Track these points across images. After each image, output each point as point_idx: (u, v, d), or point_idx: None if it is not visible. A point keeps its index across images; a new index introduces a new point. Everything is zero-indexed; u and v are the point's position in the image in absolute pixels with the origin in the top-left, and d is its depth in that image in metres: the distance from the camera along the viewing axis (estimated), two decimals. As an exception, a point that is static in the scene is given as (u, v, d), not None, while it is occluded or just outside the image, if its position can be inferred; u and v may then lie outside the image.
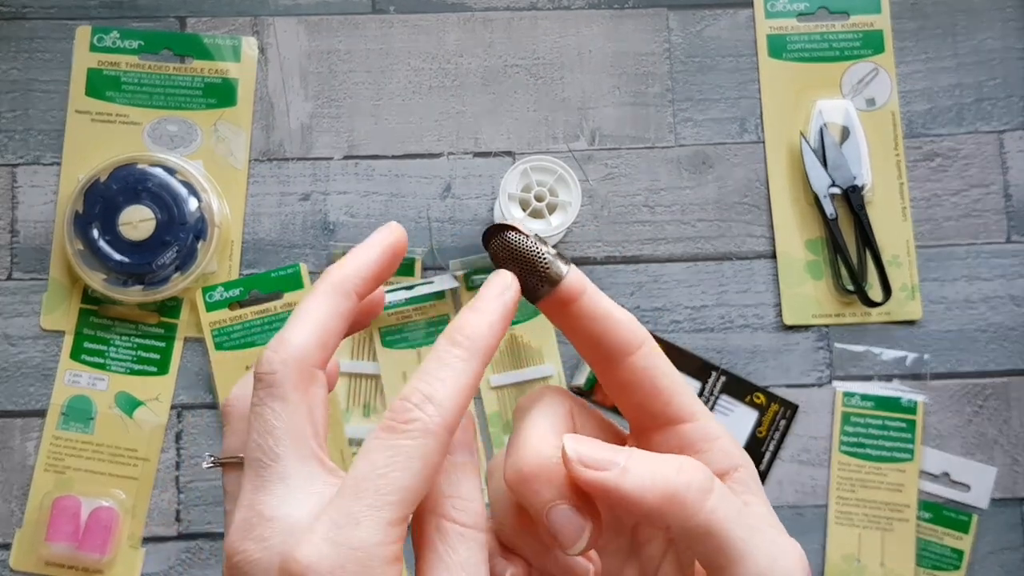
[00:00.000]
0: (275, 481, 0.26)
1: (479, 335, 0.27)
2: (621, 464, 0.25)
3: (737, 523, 0.26)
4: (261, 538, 0.26)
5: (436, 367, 0.27)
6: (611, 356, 0.29)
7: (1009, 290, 0.69)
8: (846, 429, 0.67)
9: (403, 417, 0.26)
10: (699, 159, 0.70)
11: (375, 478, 0.25)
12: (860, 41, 0.71)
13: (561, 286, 0.28)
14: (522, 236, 0.29)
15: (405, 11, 0.70)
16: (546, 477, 0.26)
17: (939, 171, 0.70)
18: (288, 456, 0.27)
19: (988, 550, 0.66)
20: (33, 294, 0.66)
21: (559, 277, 0.28)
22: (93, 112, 0.68)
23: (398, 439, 0.26)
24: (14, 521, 0.64)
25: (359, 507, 0.25)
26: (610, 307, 0.29)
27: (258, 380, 0.27)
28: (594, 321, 0.28)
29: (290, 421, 0.27)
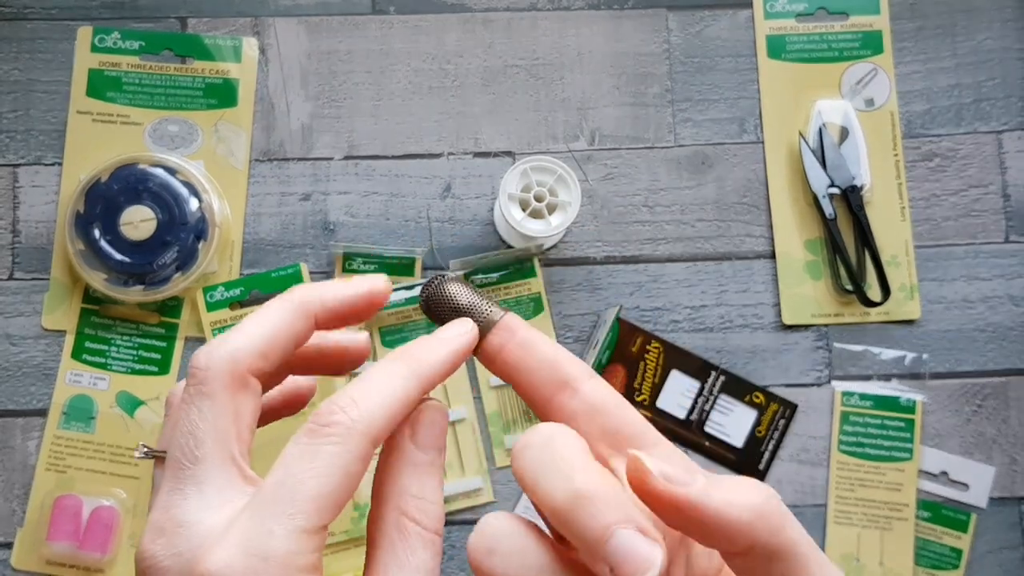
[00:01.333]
0: (191, 484, 0.25)
1: (425, 360, 0.27)
2: (701, 479, 0.24)
3: (809, 543, 0.25)
4: (171, 544, 0.25)
5: (371, 376, 0.26)
6: (571, 381, 0.28)
7: (1007, 290, 0.69)
8: (845, 428, 0.67)
9: (325, 420, 0.25)
10: (698, 159, 0.70)
11: (291, 485, 0.24)
12: (859, 42, 0.71)
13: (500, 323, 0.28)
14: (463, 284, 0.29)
15: (405, 12, 0.70)
16: (607, 494, 0.23)
17: (938, 171, 0.70)
18: (207, 459, 0.26)
19: (987, 549, 0.67)
20: (34, 294, 0.67)
21: (497, 318, 0.28)
22: (94, 112, 0.68)
23: (318, 443, 0.25)
24: (15, 520, 0.65)
25: (273, 516, 0.24)
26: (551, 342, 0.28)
27: (190, 376, 0.27)
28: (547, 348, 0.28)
29: (214, 423, 0.26)
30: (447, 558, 0.66)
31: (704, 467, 0.67)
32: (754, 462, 0.67)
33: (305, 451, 0.25)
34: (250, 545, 0.24)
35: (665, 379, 0.67)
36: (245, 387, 0.27)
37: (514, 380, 0.29)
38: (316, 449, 0.25)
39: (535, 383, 0.28)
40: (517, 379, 0.28)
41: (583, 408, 0.27)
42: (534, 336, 0.28)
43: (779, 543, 0.24)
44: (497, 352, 0.29)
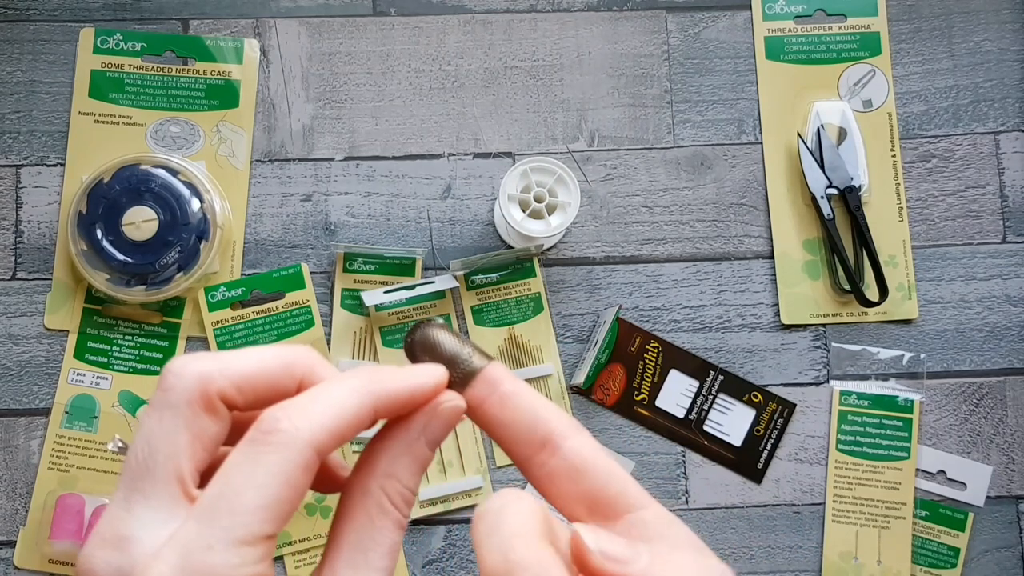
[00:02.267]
0: (138, 497, 0.25)
1: (383, 385, 0.26)
2: (645, 558, 0.24)
3: None
4: (112, 558, 0.24)
5: (324, 388, 0.25)
6: (553, 439, 0.27)
7: (1005, 290, 0.69)
8: (843, 428, 0.67)
9: (268, 427, 0.24)
10: (697, 160, 0.70)
11: (231, 496, 0.23)
12: (857, 43, 0.71)
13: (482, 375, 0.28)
14: (448, 332, 0.28)
15: (406, 13, 0.71)
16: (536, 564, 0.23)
17: (935, 172, 0.70)
18: (156, 472, 0.25)
19: (984, 548, 0.67)
20: (37, 294, 0.67)
21: (479, 368, 0.28)
22: (96, 113, 0.68)
23: (259, 451, 0.24)
24: (18, 519, 0.65)
25: (212, 530, 0.23)
26: (535, 395, 0.28)
27: (160, 383, 0.26)
28: (531, 403, 0.27)
29: (170, 436, 0.25)
30: (447, 556, 0.66)
31: (703, 466, 0.67)
32: (752, 461, 0.67)
33: (245, 460, 0.24)
34: (190, 560, 0.23)
35: (664, 378, 0.68)
36: (212, 410, 0.25)
37: (494, 436, 0.28)
38: (257, 458, 0.24)
39: (514, 441, 0.27)
40: (496, 435, 0.28)
41: (563, 469, 0.27)
42: (517, 389, 0.27)
43: None
44: (477, 406, 0.28)
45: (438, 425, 0.27)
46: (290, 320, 0.67)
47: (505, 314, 0.68)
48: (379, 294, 0.65)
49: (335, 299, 0.67)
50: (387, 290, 0.65)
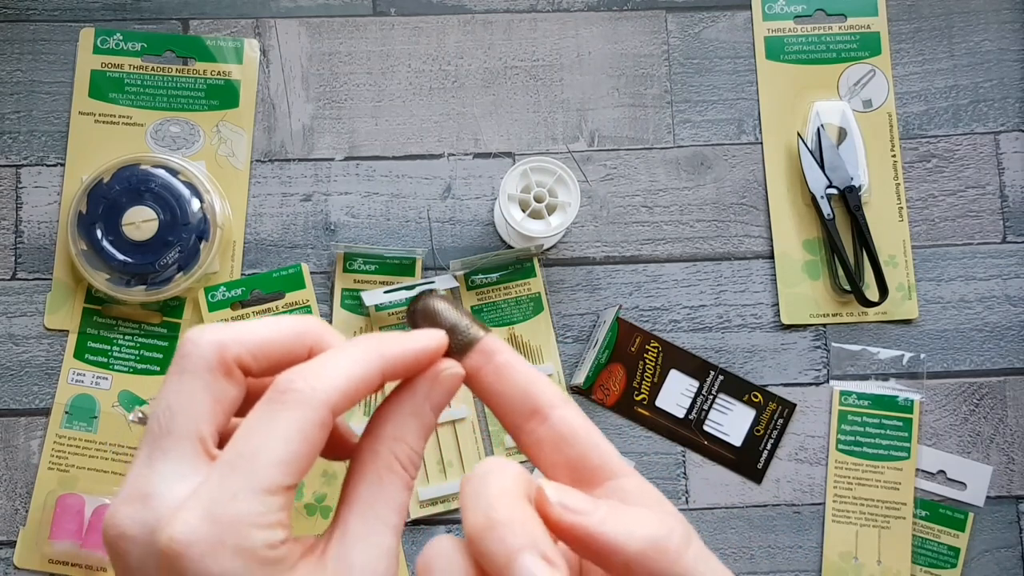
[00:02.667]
0: (160, 455, 0.26)
1: (389, 348, 0.27)
2: (603, 510, 0.25)
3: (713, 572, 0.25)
4: (138, 514, 0.25)
5: (335, 353, 0.27)
6: (541, 409, 0.28)
7: (1005, 290, 0.69)
8: (843, 428, 0.67)
9: (284, 387, 0.26)
10: (697, 160, 0.70)
11: (252, 450, 0.25)
12: (857, 43, 0.71)
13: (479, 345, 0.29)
14: (449, 302, 0.30)
15: (406, 13, 0.71)
16: (517, 521, 0.24)
17: (935, 172, 0.70)
18: (177, 432, 0.26)
19: (984, 548, 0.67)
20: (37, 294, 0.67)
21: (477, 338, 0.29)
22: (96, 113, 0.68)
23: (276, 409, 0.25)
24: (18, 519, 0.65)
25: (235, 481, 0.24)
26: (527, 367, 0.29)
27: (179, 349, 0.27)
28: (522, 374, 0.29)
29: (190, 398, 0.26)
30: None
31: (703, 466, 0.67)
32: (752, 461, 0.67)
33: (264, 417, 0.25)
34: (213, 508, 0.24)
35: (664, 379, 0.68)
36: (229, 374, 0.27)
37: (488, 403, 0.29)
38: (275, 415, 0.25)
39: (507, 409, 0.29)
40: (490, 403, 0.29)
41: (550, 437, 0.28)
42: (511, 361, 0.29)
43: (677, 573, 0.25)
44: (473, 374, 0.29)
45: (440, 391, 0.28)
46: (290, 320, 0.67)
47: (505, 314, 0.68)
48: (379, 294, 0.65)
49: (335, 299, 0.67)
50: (387, 290, 0.65)
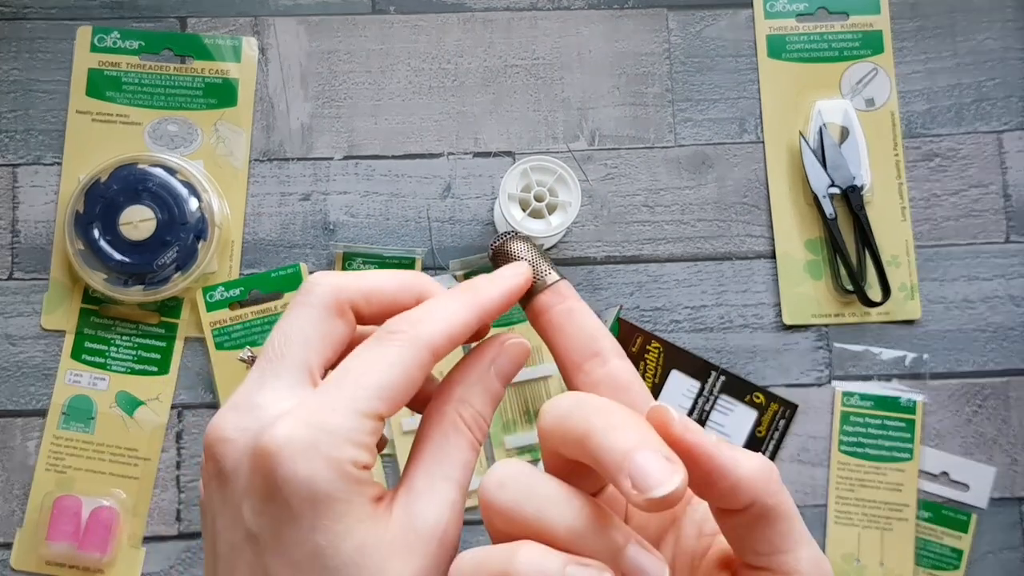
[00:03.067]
0: (271, 376, 0.28)
1: (485, 292, 0.30)
2: (715, 436, 0.26)
3: (796, 512, 0.27)
4: (241, 420, 0.27)
5: (435, 301, 0.30)
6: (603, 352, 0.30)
7: (1008, 290, 0.69)
8: (845, 429, 0.67)
9: (392, 328, 0.28)
10: (699, 159, 0.70)
11: (355, 375, 0.27)
12: (859, 41, 0.71)
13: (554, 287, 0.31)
14: (529, 243, 0.32)
15: (405, 11, 0.70)
16: (638, 424, 0.25)
17: (938, 171, 0.70)
18: (290, 357, 0.28)
19: (987, 549, 0.67)
20: (34, 294, 0.67)
21: (553, 281, 0.31)
22: (94, 112, 0.68)
23: (383, 344, 0.28)
24: (15, 520, 0.65)
25: (337, 397, 0.27)
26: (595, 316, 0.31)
27: (301, 288, 0.30)
28: (592, 318, 0.31)
29: (305, 330, 0.29)
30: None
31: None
32: (754, 462, 0.67)
33: (371, 350, 0.28)
34: (312, 419, 0.26)
35: (665, 379, 0.67)
36: (342, 314, 0.29)
37: (551, 341, 0.31)
38: (381, 349, 0.28)
39: (570, 347, 0.31)
40: (554, 340, 0.31)
41: (607, 380, 0.30)
42: (580, 306, 0.31)
43: (774, 504, 0.26)
44: (543, 311, 0.31)
45: (505, 359, 0.30)
46: (289, 320, 0.66)
47: (505, 314, 0.67)
48: (378, 294, 0.65)
49: (334, 299, 0.67)
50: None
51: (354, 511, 0.26)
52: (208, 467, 0.28)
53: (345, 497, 0.26)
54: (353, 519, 0.26)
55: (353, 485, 0.26)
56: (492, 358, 0.30)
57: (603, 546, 0.25)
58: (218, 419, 0.28)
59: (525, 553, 0.24)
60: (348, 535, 0.26)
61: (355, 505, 0.26)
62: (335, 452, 0.26)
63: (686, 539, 0.30)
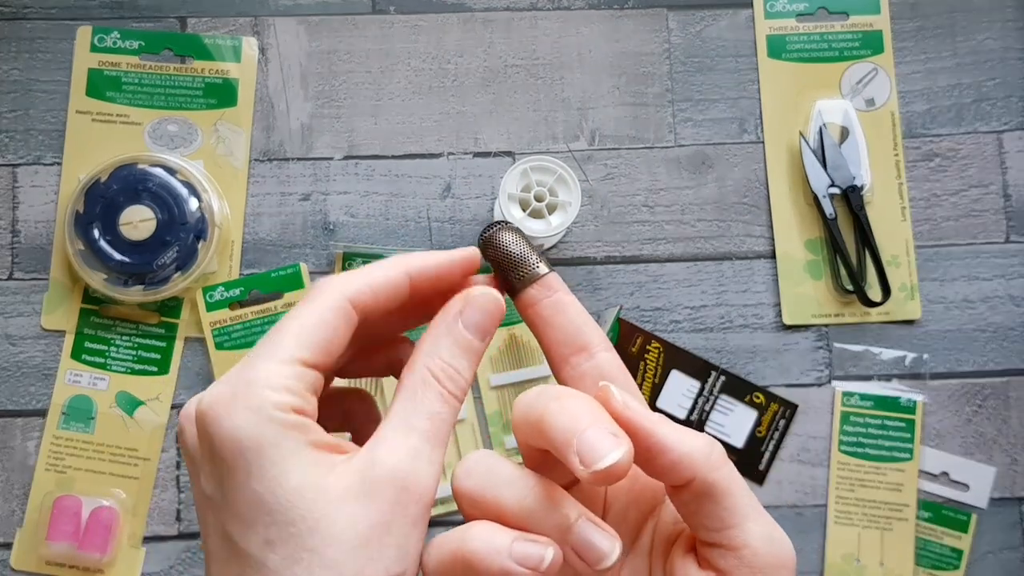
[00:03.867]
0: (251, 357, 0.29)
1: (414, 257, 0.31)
2: (657, 416, 0.27)
3: (741, 488, 0.28)
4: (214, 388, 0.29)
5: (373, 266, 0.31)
6: (590, 347, 0.31)
7: (1008, 290, 0.69)
8: (845, 429, 0.67)
9: (315, 286, 0.30)
10: (699, 159, 0.70)
11: (277, 330, 0.28)
12: (859, 41, 0.71)
13: (542, 280, 0.31)
14: (519, 235, 0.32)
15: (405, 11, 0.70)
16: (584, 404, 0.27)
17: (938, 171, 0.70)
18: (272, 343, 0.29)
19: (987, 549, 0.66)
20: (34, 294, 0.67)
21: (541, 274, 0.32)
22: (94, 112, 0.68)
23: (303, 303, 0.29)
24: (15, 520, 0.65)
25: (259, 351, 0.28)
26: (583, 309, 0.31)
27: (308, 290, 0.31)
28: (579, 313, 0.31)
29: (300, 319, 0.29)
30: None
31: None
32: (754, 462, 0.67)
33: (295, 309, 0.29)
34: (235, 376, 0.27)
35: (665, 379, 0.67)
36: (340, 307, 0.30)
37: (539, 334, 0.32)
38: (301, 307, 0.29)
39: (557, 341, 0.31)
40: (542, 333, 0.31)
41: (592, 373, 0.30)
42: (568, 300, 0.31)
43: (715, 480, 0.27)
44: (532, 304, 0.32)
45: (473, 310, 0.30)
46: (289, 320, 0.66)
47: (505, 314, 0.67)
48: (378, 294, 0.65)
49: (334, 299, 0.67)
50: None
51: (288, 455, 0.26)
52: (183, 455, 0.29)
53: (274, 441, 0.26)
54: (289, 463, 0.26)
55: (281, 429, 0.27)
56: (459, 310, 0.30)
57: (554, 522, 0.26)
58: (187, 403, 0.29)
59: (477, 531, 0.26)
60: (284, 478, 0.26)
61: (288, 449, 0.26)
62: (255, 400, 0.26)
63: (663, 526, 0.31)
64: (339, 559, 0.26)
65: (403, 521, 0.26)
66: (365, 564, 0.26)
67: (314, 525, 0.26)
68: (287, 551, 0.26)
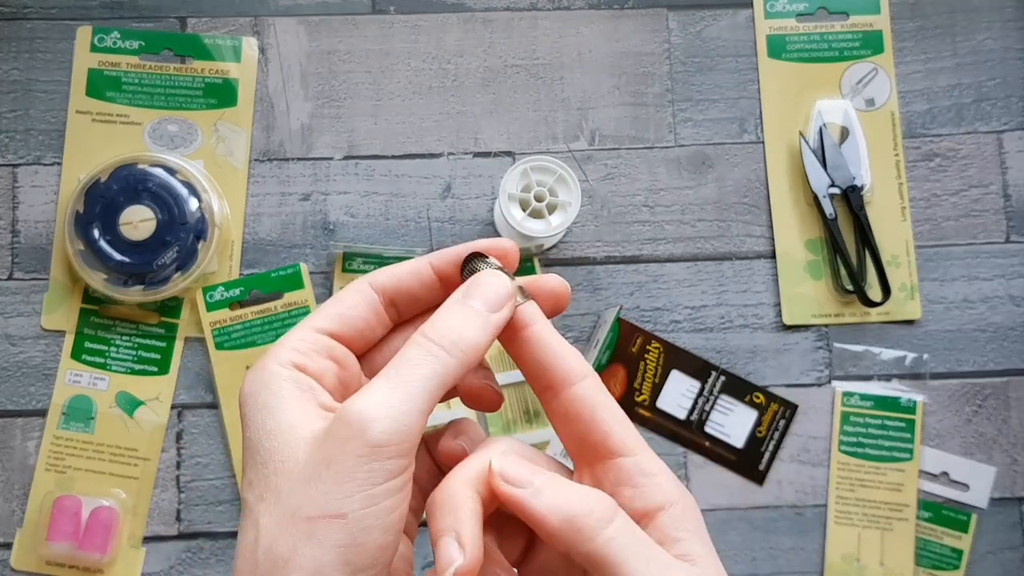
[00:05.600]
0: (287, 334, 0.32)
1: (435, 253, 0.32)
2: (536, 485, 0.28)
3: (634, 554, 0.27)
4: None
5: None
6: (553, 385, 0.30)
7: (1008, 290, 0.69)
8: (845, 429, 0.67)
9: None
10: (699, 159, 0.70)
11: (310, 315, 0.31)
12: (859, 41, 0.71)
13: (518, 311, 0.31)
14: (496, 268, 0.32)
15: (405, 11, 0.70)
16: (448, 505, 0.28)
17: (938, 171, 0.70)
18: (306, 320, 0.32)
19: (987, 549, 0.66)
20: (34, 294, 0.67)
21: (519, 303, 0.31)
22: (94, 112, 0.68)
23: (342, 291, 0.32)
24: (15, 521, 0.65)
25: (292, 330, 0.30)
26: (557, 340, 0.31)
27: None
28: (541, 349, 0.30)
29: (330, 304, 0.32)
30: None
31: (705, 468, 0.67)
32: (754, 462, 0.67)
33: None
34: (272, 349, 0.30)
35: (665, 379, 0.67)
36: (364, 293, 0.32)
37: (518, 366, 0.32)
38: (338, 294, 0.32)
39: (528, 378, 0.31)
40: (519, 366, 0.32)
41: (559, 412, 0.30)
42: (536, 334, 0.31)
43: (589, 551, 0.26)
44: (506, 339, 0.31)
45: (478, 288, 0.30)
46: (288, 321, 0.66)
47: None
48: (378, 294, 0.65)
49: (334, 299, 0.67)
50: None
51: (277, 402, 0.28)
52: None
53: (270, 390, 0.28)
54: (276, 408, 0.28)
55: (278, 380, 0.28)
56: (464, 288, 0.31)
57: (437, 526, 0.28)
58: None
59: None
60: (266, 422, 0.28)
61: (279, 397, 0.28)
62: (262, 361, 0.29)
63: None
64: (287, 494, 0.26)
65: (343, 457, 0.26)
66: (304, 500, 0.26)
67: (280, 466, 0.27)
68: (259, 490, 0.27)
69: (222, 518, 0.65)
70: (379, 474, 0.26)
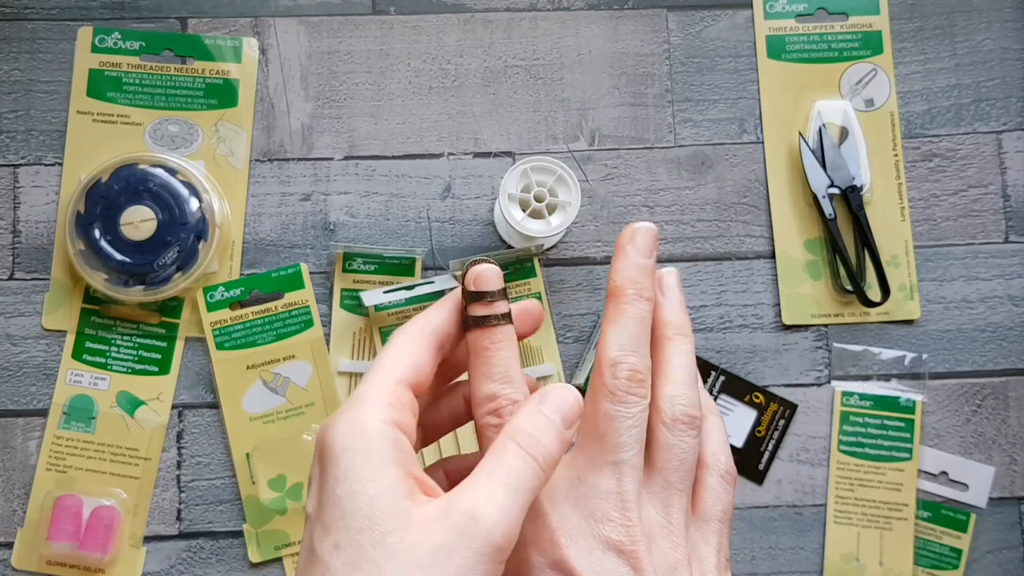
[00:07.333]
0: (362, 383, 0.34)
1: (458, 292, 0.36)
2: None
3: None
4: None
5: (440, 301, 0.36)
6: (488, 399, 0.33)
7: (1007, 290, 0.69)
8: (845, 428, 0.67)
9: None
10: (698, 159, 0.70)
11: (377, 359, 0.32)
12: (859, 42, 0.71)
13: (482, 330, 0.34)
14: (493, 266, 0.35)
15: (405, 12, 0.70)
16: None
17: (937, 171, 0.70)
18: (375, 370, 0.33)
19: (986, 549, 0.67)
20: (35, 294, 0.67)
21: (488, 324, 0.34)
22: (94, 113, 0.68)
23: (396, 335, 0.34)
24: (16, 520, 0.65)
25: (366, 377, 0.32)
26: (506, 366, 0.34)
27: None
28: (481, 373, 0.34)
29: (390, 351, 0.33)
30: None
31: (704, 467, 0.67)
32: (754, 462, 0.67)
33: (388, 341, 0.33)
34: (351, 399, 0.31)
35: (665, 379, 0.67)
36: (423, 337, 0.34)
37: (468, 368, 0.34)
38: (394, 336, 0.33)
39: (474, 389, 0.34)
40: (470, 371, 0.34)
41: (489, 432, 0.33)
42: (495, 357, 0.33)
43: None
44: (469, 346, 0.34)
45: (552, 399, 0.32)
46: (289, 320, 0.66)
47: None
48: (378, 294, 0.65)
49: (334, 299, 0.67)
50: (386, 290, 0.65)
51: (375, 465, 0.28)
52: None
53: (365, 448, 0.28)
54: (373, 472, 0.28)
55: (375, 439, 0.29)
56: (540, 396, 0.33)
57: None
58: None
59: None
60: (364, 485, 0.28)
61: (376, 459, 0.28)
62: (356, 412, 0.29)
63: None
64: (392, 572, 0.26)
65: (466, 552, 0.27)
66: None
67: (380, 538, 0.27)
68: (350, 556, 0.27)
69: (223, 518, 0.65)
70: (492, 573, 0.27)
